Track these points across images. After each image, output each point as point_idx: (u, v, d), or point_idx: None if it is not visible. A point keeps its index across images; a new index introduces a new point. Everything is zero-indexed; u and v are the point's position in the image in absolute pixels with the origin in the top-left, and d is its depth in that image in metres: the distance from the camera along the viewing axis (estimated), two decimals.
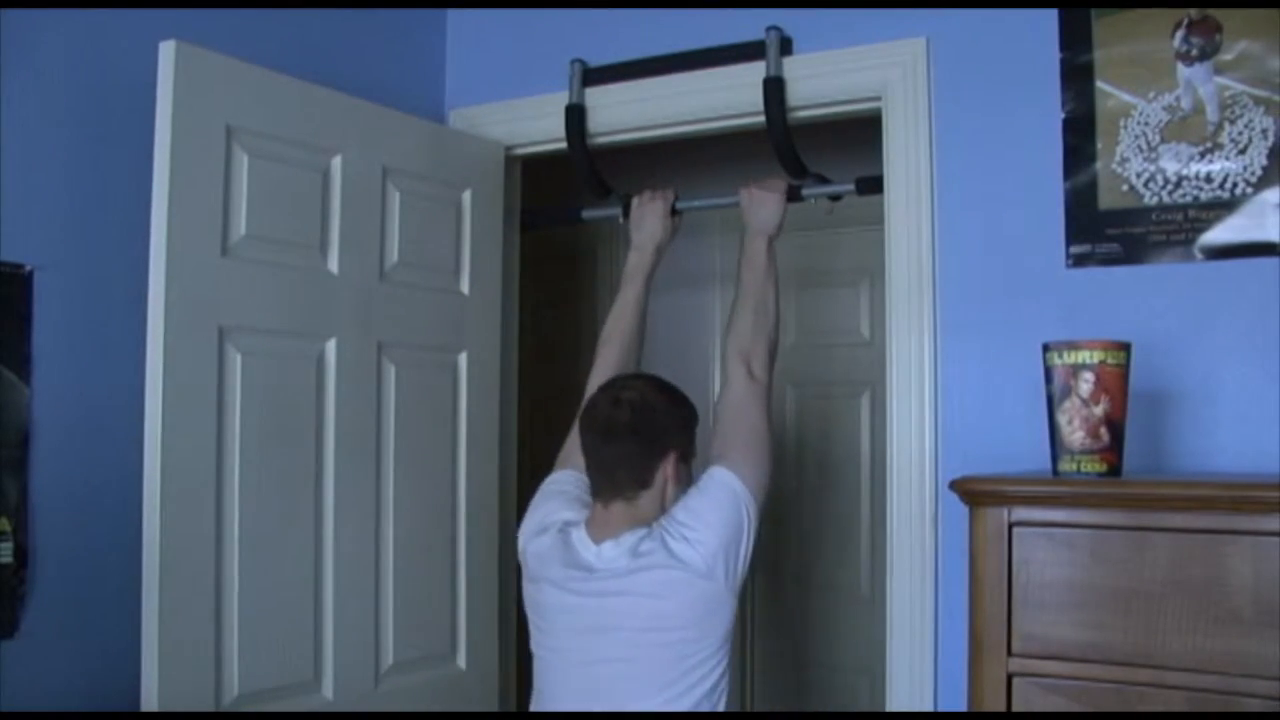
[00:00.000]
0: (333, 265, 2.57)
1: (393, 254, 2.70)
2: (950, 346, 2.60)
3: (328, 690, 2.53)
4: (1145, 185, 2.41)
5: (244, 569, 2.35)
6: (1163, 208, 2.40)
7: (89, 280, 2.35)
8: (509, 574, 3.14)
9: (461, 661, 2.86)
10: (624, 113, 3.01)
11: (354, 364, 2.59)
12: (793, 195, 2.89)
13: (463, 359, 2.89)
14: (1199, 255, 2.37)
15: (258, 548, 2.38)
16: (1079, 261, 2.48)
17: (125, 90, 2.36)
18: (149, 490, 2.22)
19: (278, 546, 2.43)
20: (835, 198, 3.01)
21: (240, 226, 2.38)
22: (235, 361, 2.35)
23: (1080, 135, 2.47)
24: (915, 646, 2.58)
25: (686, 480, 2.37)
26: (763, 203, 2.79)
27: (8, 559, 2.20)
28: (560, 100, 3.05)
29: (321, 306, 2.54)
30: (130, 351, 2.29)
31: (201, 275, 2.30)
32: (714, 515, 2.28)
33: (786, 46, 2.80)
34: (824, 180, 3.00)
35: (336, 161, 2.57)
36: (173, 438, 2.23)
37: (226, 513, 2.33)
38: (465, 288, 2.91)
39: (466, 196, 2.92)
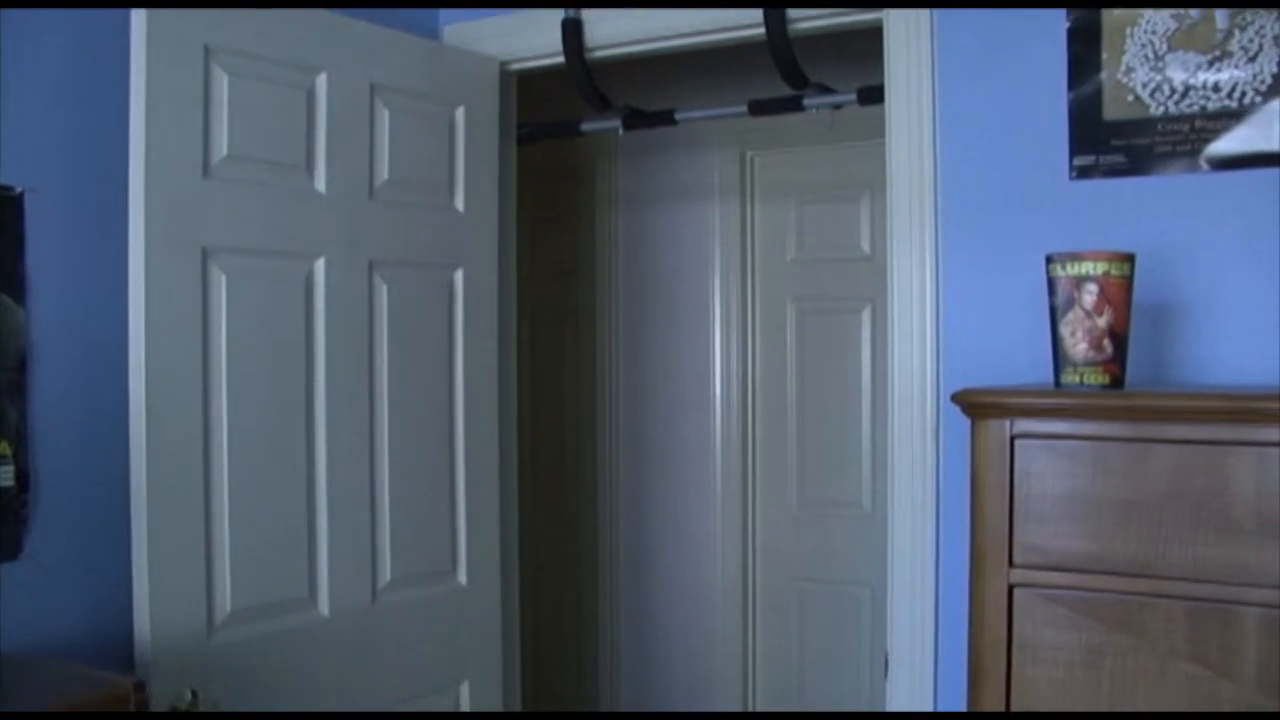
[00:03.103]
0: (319, 184, 2.54)
1: (383, 172, 2.68)
2: (952, 260, 2.59)
3: (323, 607, 2.55)
4: (1151, 95, 2.38)
5: (234, 489, 2.36)
6: (1169, 118, 2.37)
7: (83, 202, 2.33)
8: (510, 491, 3.15)
9: (462, 578, 2.88)
10: (622, 25, 2.96)
11: (344, 283, 2.58)
12: (794, 105, 2.85)
13: (459, 276, 2.87)
14: (1205, 166, 2.34)
15: (247, 468, 2.38)
16: (1083, 173, 2.45)
17: (114, 10, 2.31)
18: (134, 413, 2.22)
19: (268, 467, 2.43)
20: (836, 108, 2.97)
21: (222, 147, 2.35)
22: (220, 282, 2.34)
23: (1085, 44, 2.43)
24: (916, 559, 2.59)
25: None
26: None
27: (9, 482, 2.20)
28: (557, 14, 3.00)
29: (308, 226, 2.52)
30: (127, 274, 2.27)
31: (182, 197, 2.28)
32: None
33: None
34: (825, 90, 2.96)
35: (321, 80, 2.54)
36: (157, 360, 2.23)
37: (214, 435, 2.33)
38: (460, 205, 2.88)
39: (460, 113, 2.88)
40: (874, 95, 2.78)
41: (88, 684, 1.92)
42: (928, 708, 2.58)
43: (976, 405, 2.06)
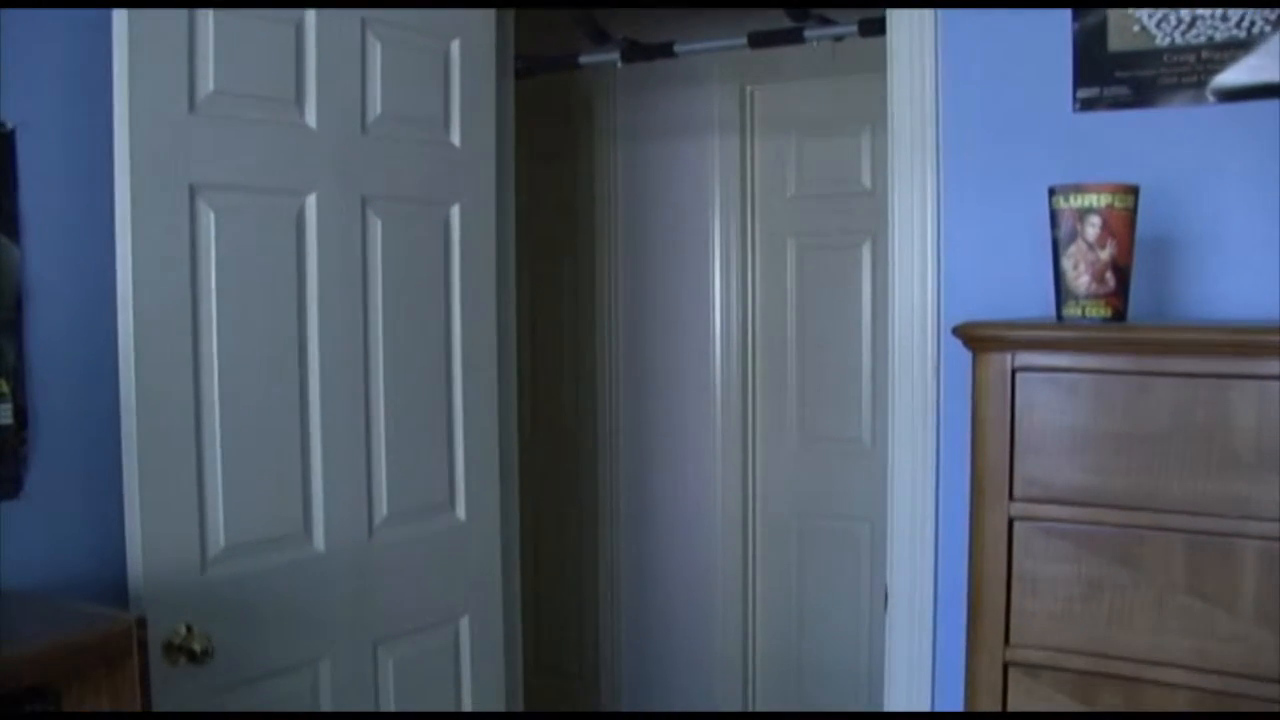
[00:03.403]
0: (310, 119, 2.51)
1: (375, 106, 2.64)
2: (953, 194, 2.56)
3: (318, 542, 2.55)
4: (1157, 25, 2.34)
5: (225, 425, 2.34)
6: (1175, 49, 2.33)
7: (79, 140, 2.29)
8: (509, 427, 3.14)
9: (461, 513, 2.88)
10: None
11: (336, 220, 2.55)
12: (794, 37, 2.81)
13: (455, 212, 2.84)
14: (1211, 98, 2.31)
15: (239, 404, 2.37)
16: (1086, 105, 2.42)
17: None
18: (124, 351, 2.20)
19: (260, 403, 2.41)
20: (837, 40, 2.94)
21: (208, 82, 2.32)
22: (209, 220, 2.32)
23: None
24: (916, 494, 2.60)
25: None
26: None
27: (7, 420, 2.19)
28: None
29: (299, 161, 2.49)
30: None
31: (168, 133, 2.25)
32: None
33: None
34: (826, 22, 2.92)
35: (310, 12, 2.50)
36: (146, 297, 2.21)
37: (205, 372, 2.31)
38: (456, 140, 2.85)
39: (456, 46, 2.84)
40: (875, 27, 2.75)
41: (89, 620, 1.92)
42: (927, 641, 2.60)
43: (977, 338, 2.05)
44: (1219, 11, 2.28)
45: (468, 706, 2.92)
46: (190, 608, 2.29)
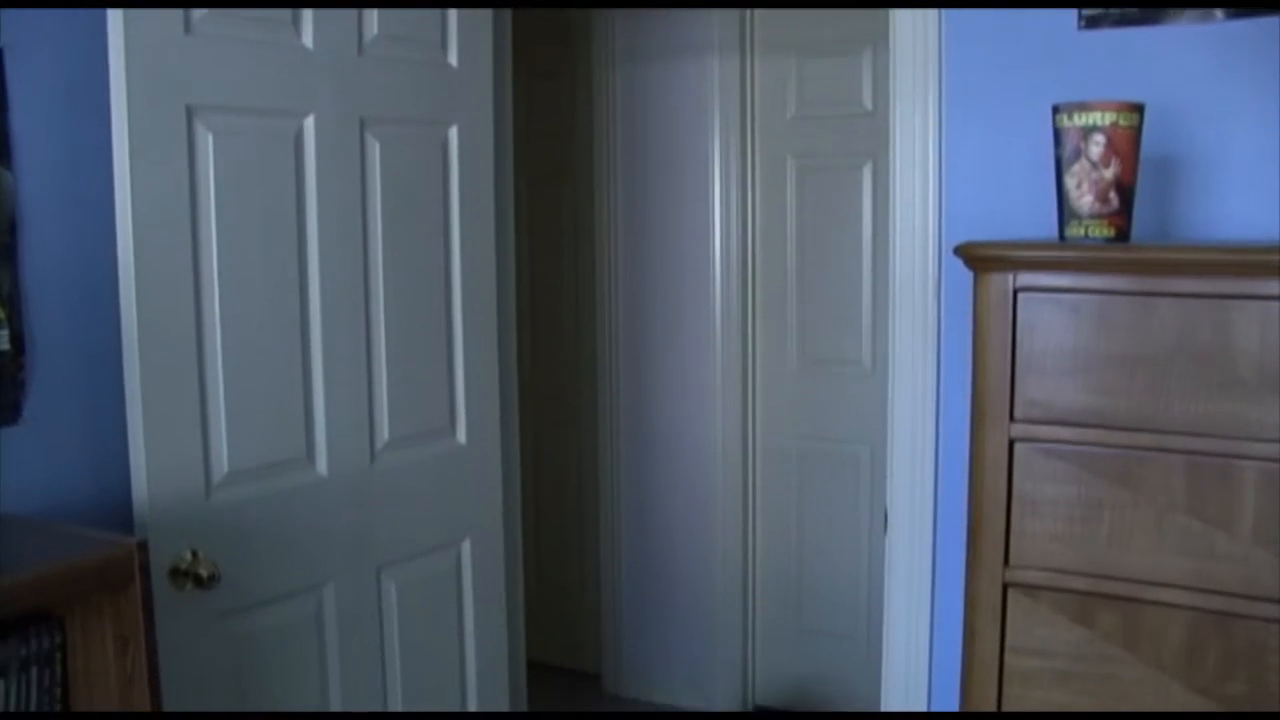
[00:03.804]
0: (307, 39, 2.48)
1: (372, 26, 2.60)
2: (955, 114, 2.54)
3: (321, 467, 2.55)
4: None
5: (227, 350, 2.34)
6: None
7: (70, 61, 2.26)
8: (508, 350, 3.14)
9: (461, 436, 2.89)
10: None
11: (334, 141, 2.53)
12: None
13: (453, 133, 2.81)
14: (1219, 15, 2.28)
15: (240, 329, 2.36)
16: (1091, 23, 2.38)
17: None
18: (124, 275, 2.19)
19: (261, 327, 2.41)
20: None
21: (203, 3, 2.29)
22: (207, 141, 2.29)
23: None
24: (916, 416, 2.60)
25: None
26: None
27: (4, 346, 2.19)
28: None
29: (296, 82, 2.46)
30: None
31: (164, 53, 2.21)
32: None
33: None
34: None
35: None
36: (144, 221, 2.19)
37: (205, 296, 2.30)
38: (454, 60, 2.81)
39: None
40: None
41: (90, 544, 1.92)
42: (926, 563, 2.61)
43: (979, 258, 2.04)
44: None
45: (470, 630, 2.94)
46: (195, 533, 2.30)
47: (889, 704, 2.70)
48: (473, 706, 2.97)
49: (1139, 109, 2.02)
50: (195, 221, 2.28)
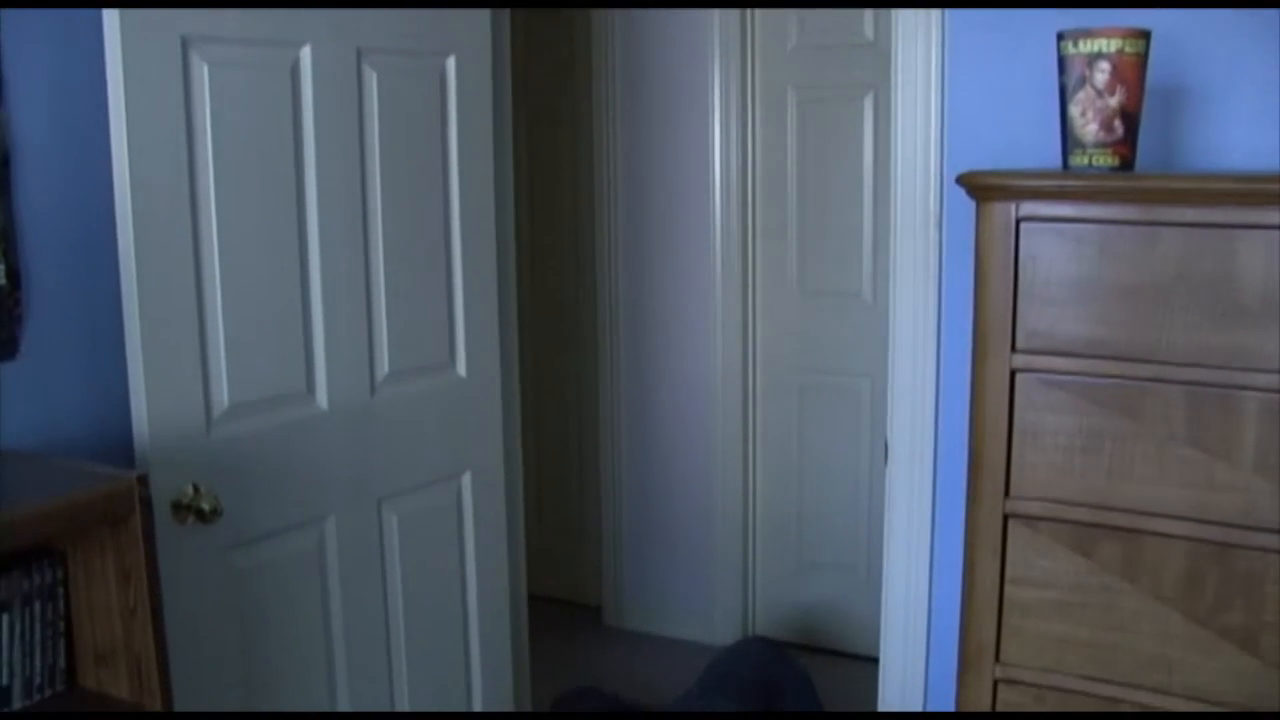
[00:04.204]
0: None
1: None
2: (958, 43, 2.50)
3: (321, 400, 2.55)
4: None
5: (226, 284, 2.32)
6: None
7: None
8: (507, 283, 3.12)
9: (461, 369, 2.88)
10: None
11: (331, 71, 2.49)
12: None
13: (450, 64, 2.78)
14: None
15: (238, 262, 2.34)
16: None
17: None
18: (120, 208, 2.16)
19: (259, 260, 2.39)
20: None
21: None
22: (202, 72, 2.26)
23: None
24: (917, 347, 2.59)
25: None
26: None
27: (1, 281, 2.17)
28: None
29: (292, 12, 2.42)
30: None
31: None
32: None
33: None
34: None
35: None
36: (140, 154, 2.16)
37: (203, 229, 2.28)
38: None
39: None
40: None
41: (91, 479, 1.92)
42: (927, 494, 2.61)
43: (982, 187, 2.02)
44: None
45: (471, 562, 2.95)
46: (196, 467, 2.30)
47: (889, 635, 2.72)
48: (474, 639, 2.99)
49: (1145, 35, 2.00)
50: (192, 153, 2.26)
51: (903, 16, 2.54)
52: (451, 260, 2.82)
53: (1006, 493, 2.08)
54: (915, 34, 2.54)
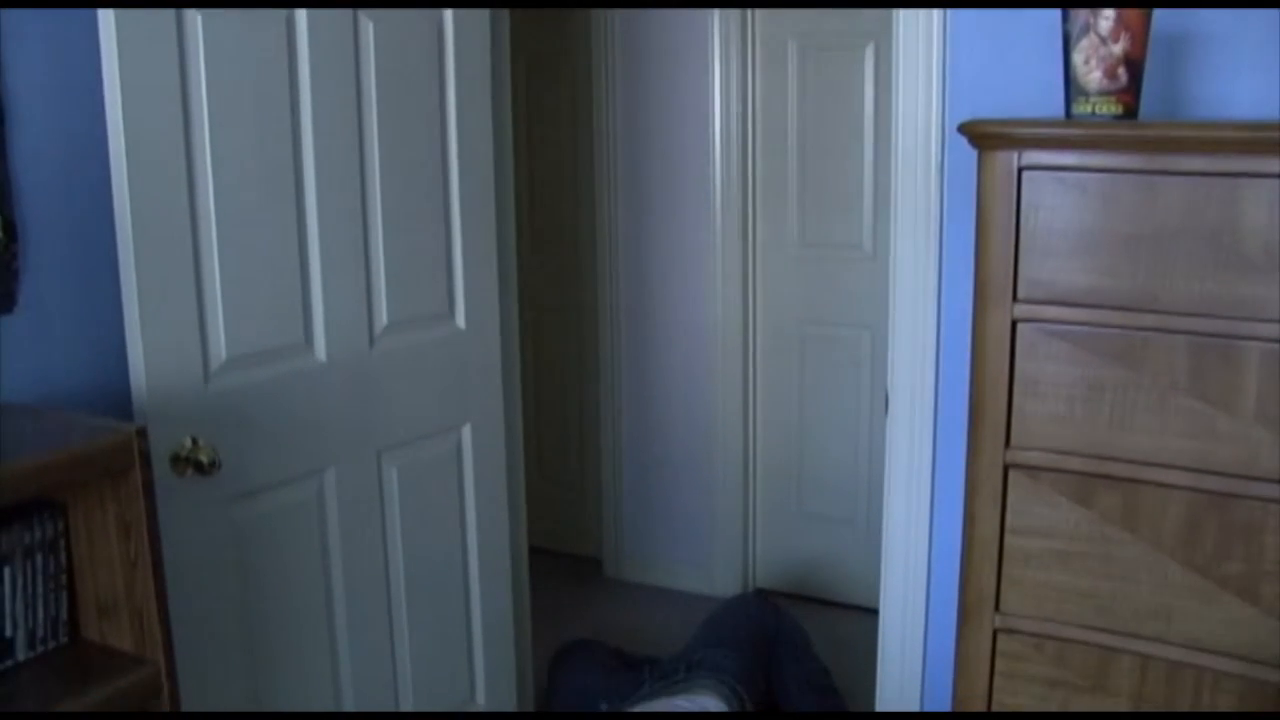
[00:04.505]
0: None
1: None
2: None
3: (320, 352, 2.54)
4: None
5: (222, 235, 2.31)
6: None
7: None
8: (506, 233, 3.11)
9: (460, 321, 2.87)
10: None
11: (327, 20, 2.46)
12: None
13: (448, 14, 2.75)
14: None
15: (235, 215, 2.33)
16: None
17: None
18: (115, 161, 2.15)
19: (256, 212, 2.37)
20: None
21: None
22: (197, 23, 2.23)
23: None
24: (918, 298, 2.58)
25: None
26: None
27: None
28: None
29: None
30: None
31: None
32: None
33: None
34: None
35: None
36: (134, 104, 2.14)
37: (199, 179, 2.26)
38: None
39: None
40: None
41: (90, 432, 1.92)
42: (927, 445, 2.61)
43: (984, 136, 2.00)
44: None
45: (471, 514, 2.96)
46: (195, 420, 2.30)
47: (888, 586, 2.73)
48: (475, 591, 3.00)
49: None
50: (187, 104, 2.24)
51: None
52: (450, 212, 2.81)
53: (1007, 443, 2.08)
54: None
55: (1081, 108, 2.00)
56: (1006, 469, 2.09)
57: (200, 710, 2.34)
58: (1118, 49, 1.96)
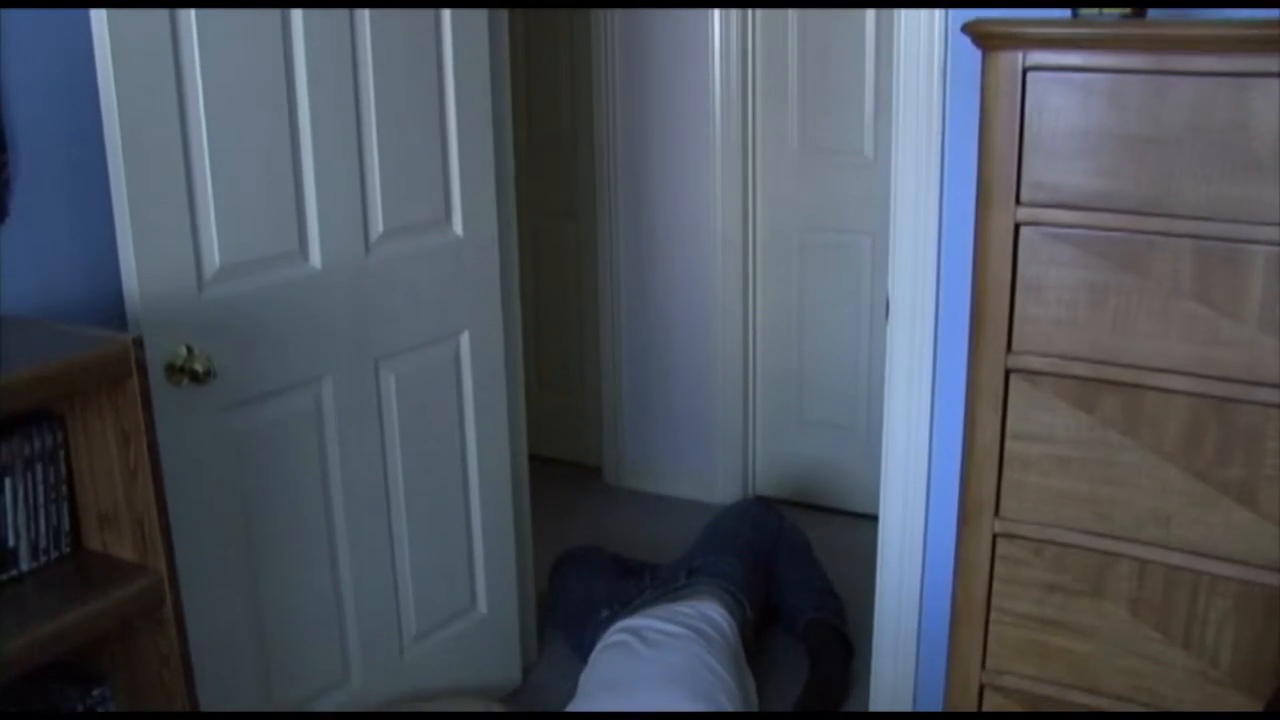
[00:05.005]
0: None
1: None
2: None
3: (315, 260, 2.52)
4: None
5: (213, 143, 2.28)
6: None
7: None
8: (504, 138, 3.07)
9: (458, 228, 2.85)
10: None
11: None
12: None
13: None
14: None
15: (225, 120, 2.29)
16: None
17: None
18: (102, 68, 2.11)
19: (247, 117, 2.33)
20: None
21: None
22: None
23: None
24: (920, 203, 2.55)
25: None
26: None
27: None
28: None
29: None
30: None
31: None
32: None
33: None
34: None
35: None
36: (121, 11, 2.10)
37: (188, 85, 2.22)
38: None
39: None
40: None
41: (86, 341, 1.91)
42: (927, 350, 2.60)
43: (988, 35, 1.96)
44: None
45: (470, 423, 2.96)
46: (189, 329, 2.29)
47: (888, 491, 2.74)
48: (475, 499, 3.01)
49: None
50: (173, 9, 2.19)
51: None
52: (446, 117, 2.77)
53: (1008, 348, 2.06)
54: None
55: (1088, 7, 1.96)
56: (1008, 374, 2.08)
57: (202, 614, 2.36)
58: None
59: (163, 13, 2.17)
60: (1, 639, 1.78)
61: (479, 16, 2.82)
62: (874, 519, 2.87)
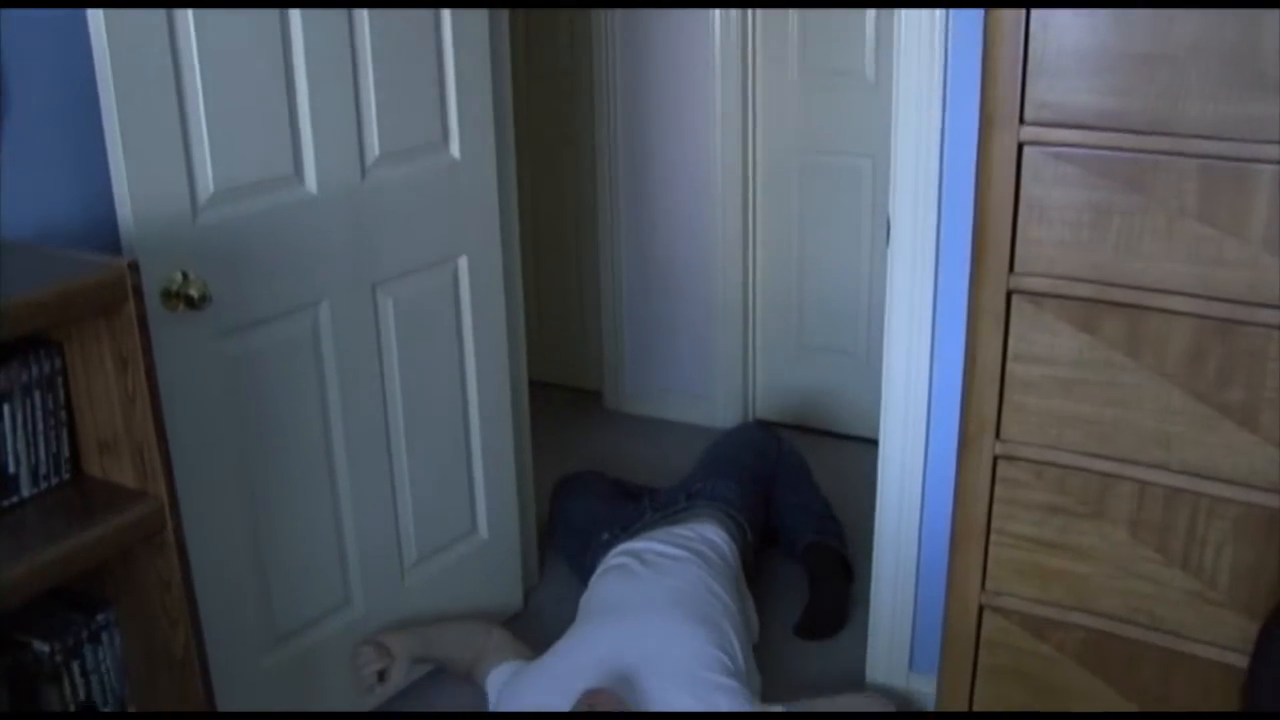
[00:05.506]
0: None
1: None
2: None
3: (310, 184, 2.50)
4: None
5: (205, 66, 2.25)
6: None
7: None
8: (501, 60, 3.03)
9: (455, 150, 2.82)
10: None
11: None
12: None
13: None
14: None
15: (217, 43, 2.25)
16: None
17: None
18: None
19: (239, 38, 2.29)
20: None
21: None
22: None
23: None
24: (921, 124, 2.52)
25: None
26: None
27: None
28: None
29: None
30: None
31: None
32: None
33: None
34: None
35: None
36: None
37: (179, 12, 2.19)
38: None
39: None
40: None
41: (82, 267, 1.89)
42: (929, 274, 2.59)
43: None
44: None
45: (469, 348, 2.95)
46: (184, 254, 2.28)
47: (889, 415, 2.73)
48: (474, 424, 3.01)
49: None
50: None
51: None
52: (442, 39, 2.73)
53: (1010, 269, 2.05)
54: None
55: None
56: (1009, 295, 2.06)
57: (203, 539, 2.37)
58: None
59: None
60: (3, 565, 1.79)
61: None
62: (874, 443, 2.87)
